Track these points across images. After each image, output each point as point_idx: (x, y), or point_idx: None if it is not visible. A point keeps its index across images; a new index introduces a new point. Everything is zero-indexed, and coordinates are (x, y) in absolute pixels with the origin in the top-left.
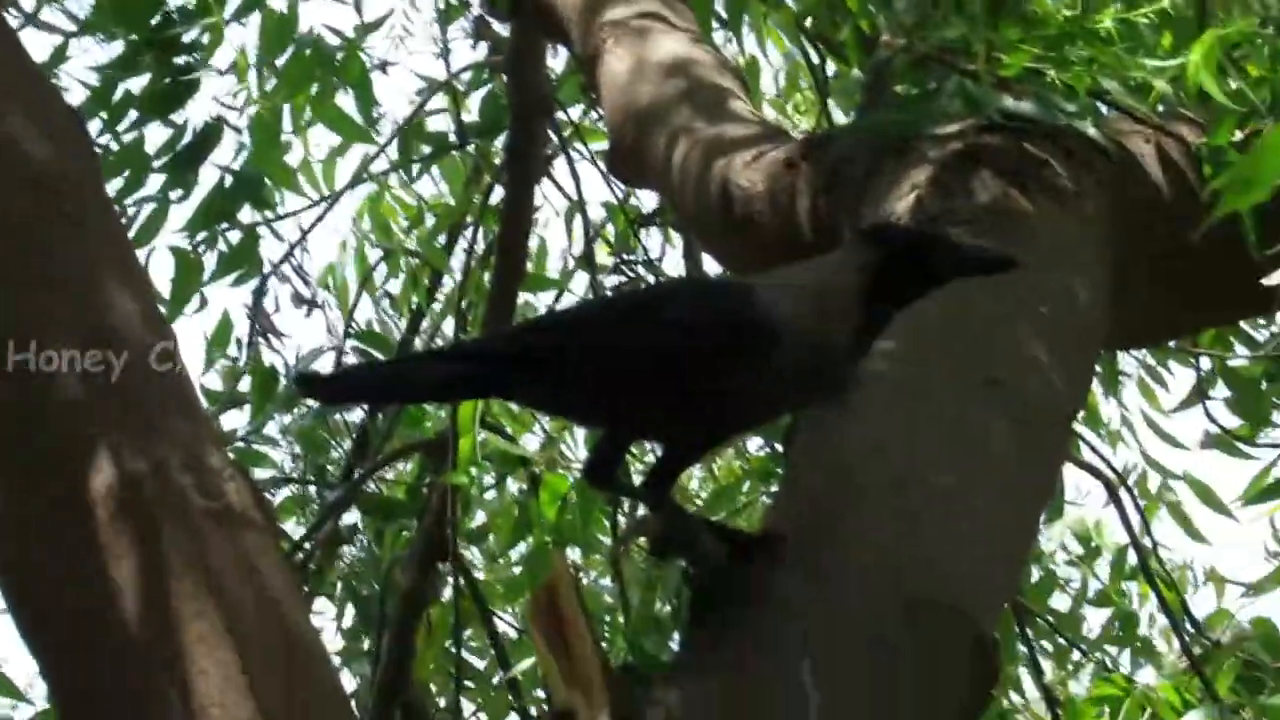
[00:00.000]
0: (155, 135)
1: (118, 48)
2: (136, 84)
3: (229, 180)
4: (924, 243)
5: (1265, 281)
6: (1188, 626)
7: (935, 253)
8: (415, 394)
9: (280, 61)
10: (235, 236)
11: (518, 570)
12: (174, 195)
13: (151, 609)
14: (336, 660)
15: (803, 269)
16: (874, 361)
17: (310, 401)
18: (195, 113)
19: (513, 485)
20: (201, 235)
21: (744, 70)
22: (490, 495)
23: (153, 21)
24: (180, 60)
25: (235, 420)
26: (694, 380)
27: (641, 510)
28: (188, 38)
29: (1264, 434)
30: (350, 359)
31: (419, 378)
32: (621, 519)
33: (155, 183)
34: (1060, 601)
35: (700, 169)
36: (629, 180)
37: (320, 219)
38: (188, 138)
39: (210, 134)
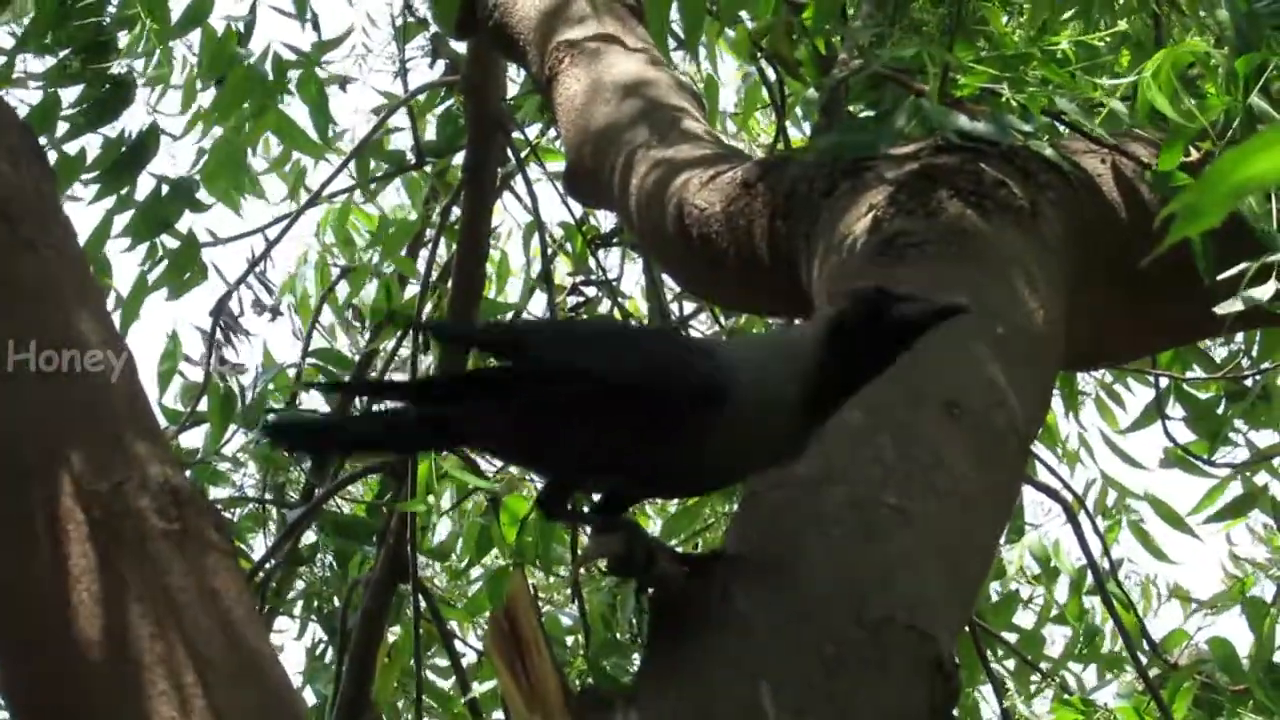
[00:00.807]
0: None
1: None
2: (68, 96)
3: (164, 189)
4: (874, 305)
5: (1218, 310)
6: (1145, 647)
7: (885, 314)
8: (386, 449)
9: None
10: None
11: (478, 590)
12: (116, 204)
13: (109, 630)
14: (299, 678)
15: (773, 337)
16: None
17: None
18: (131, 121)
19: (476, 498)
20: (144, 245)
21: (701, 90)
22: (452, 516)
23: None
24: (114, 70)
25: (195, 439)
26: (639, 438)
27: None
28: (121, 44)
29: (1224, 453)
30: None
31: (389, 436)
32: (583, 539)
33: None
34: (1024, 619)
35: (657, 190)
36: (586, 201)
37: (285, 231)
38: (124, 146)
39: (147, 141)
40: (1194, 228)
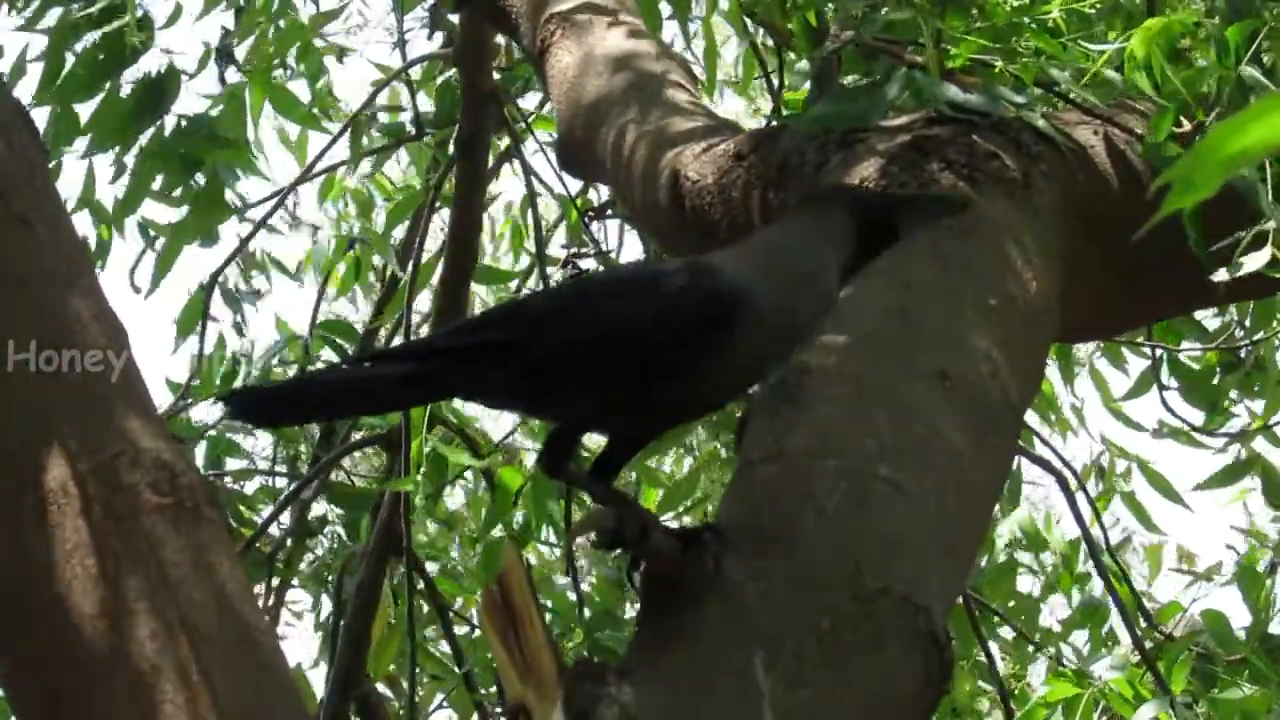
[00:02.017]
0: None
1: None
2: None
3: (182, 125)
4: (894, 205)
5: (1213, 278)
6: (1140, 621)
7: (901, 212)
8: (366, 404)
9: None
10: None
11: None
12: (142, 152)
13: (103, 606)
14: (313, 652)
15: (762, 242)
16: (825, 354)
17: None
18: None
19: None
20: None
21: (699, 58)
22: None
23: None
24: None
25: (202, 413)
26: (661, 359)
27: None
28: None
29: (1224, 424)
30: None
31: (368, 385)
32: (576, 513)
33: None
34: (1023, 584)
35: (649, 162)
36: (579, 174)
37: (280, 203)
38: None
39: (168, 81)
40: (1187, 200)
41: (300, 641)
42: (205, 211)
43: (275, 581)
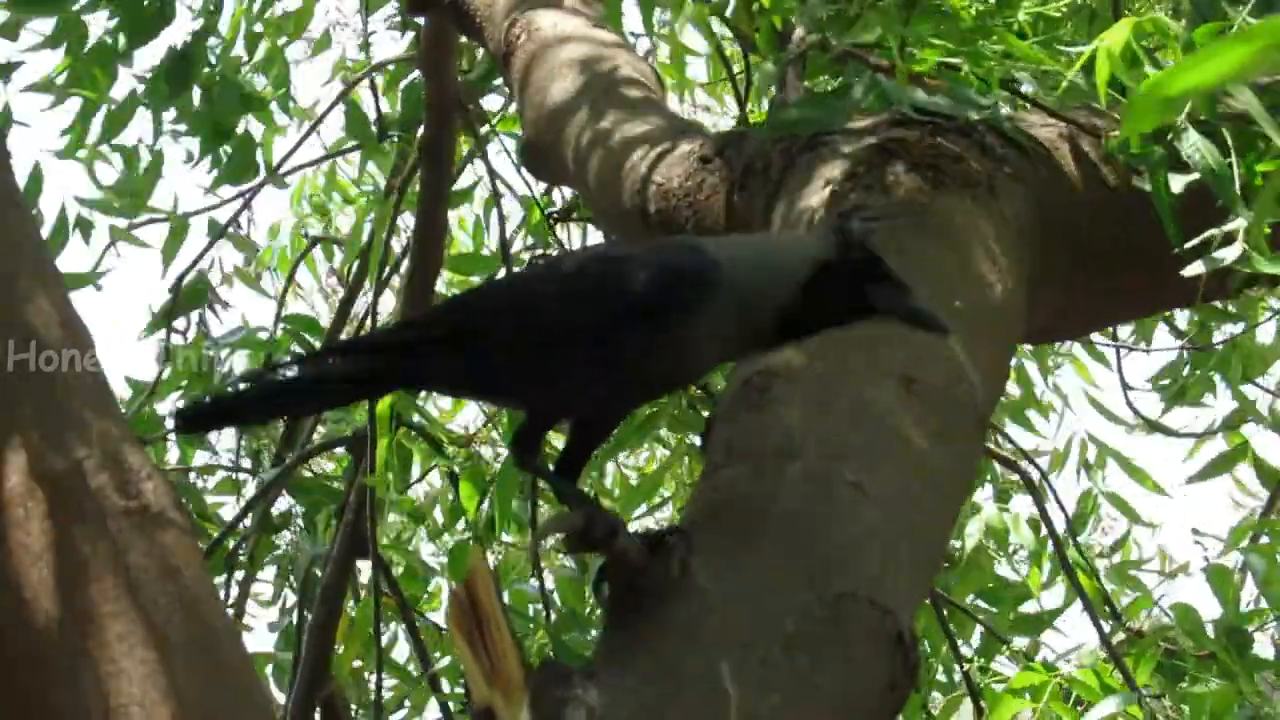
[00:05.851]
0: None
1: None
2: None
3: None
4: (871, 264)
5: (1185, 272)
6: (1108, 613)
7: (876, 280)
8: (314, 402)
9: None
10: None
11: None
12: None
13: (68, 609)
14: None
15: (771, 238)
16: (792, 357)
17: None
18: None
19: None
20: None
21: (669, 56)
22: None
23: None
24: None
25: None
26: (626, 331)
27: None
28: None
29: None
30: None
31: (316, 383)
32: (542, 513)
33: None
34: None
35: (615, 165)
36: (544, 177)
37: (251, 199)
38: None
39: (195, 50)
40: (1133, 128)
41: (263, 632)
42: (239, 170)
43: (240, 575)
